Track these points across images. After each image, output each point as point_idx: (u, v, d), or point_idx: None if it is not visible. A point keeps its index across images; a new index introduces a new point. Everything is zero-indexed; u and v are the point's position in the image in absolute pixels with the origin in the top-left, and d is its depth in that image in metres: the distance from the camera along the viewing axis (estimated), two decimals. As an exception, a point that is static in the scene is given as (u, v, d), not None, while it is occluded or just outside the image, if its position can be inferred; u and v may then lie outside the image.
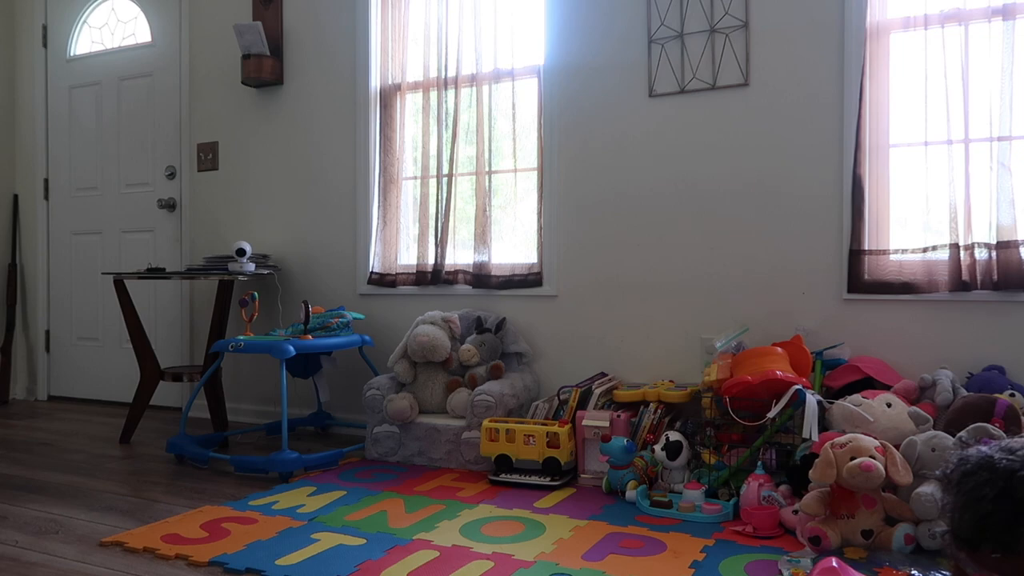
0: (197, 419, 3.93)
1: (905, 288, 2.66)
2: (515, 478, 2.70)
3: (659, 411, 2.71)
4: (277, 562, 1.95)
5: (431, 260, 3.48)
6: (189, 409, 3.14)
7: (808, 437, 2.23)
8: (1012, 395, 2.31)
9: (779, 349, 2.56)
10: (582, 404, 2.81)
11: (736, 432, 2.46)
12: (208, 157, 4.09)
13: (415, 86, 3.58)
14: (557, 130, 3.23)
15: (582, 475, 2.72)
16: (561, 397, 2.86)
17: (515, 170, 3.35)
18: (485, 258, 3.36)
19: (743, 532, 2.14)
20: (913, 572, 1.83)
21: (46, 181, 4.64)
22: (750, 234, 2.91)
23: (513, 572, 1.88)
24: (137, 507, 2.48)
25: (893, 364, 2.63)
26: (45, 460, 3.13)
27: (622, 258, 3.12)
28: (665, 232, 3.06)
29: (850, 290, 2.74)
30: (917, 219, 2.71)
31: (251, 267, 3.50)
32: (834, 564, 1.60)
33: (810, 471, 2.04)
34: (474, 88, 3.39)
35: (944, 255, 2.61)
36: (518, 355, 3.25)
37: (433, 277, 3.45)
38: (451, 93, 3.43)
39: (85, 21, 4.54)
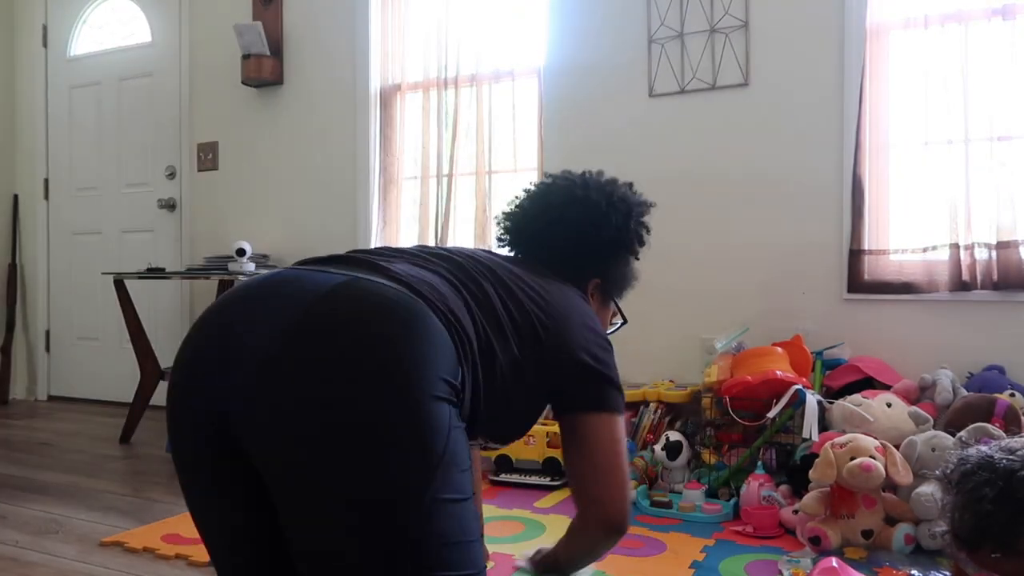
0: (197, 419, 3.93)
1: (905, 288, 2.66)
2: (515, 478, 2.69)
3: (659, 411, 2.71)
4: (277, 562, 1.95)
5: (431, 260, 3.47)
6: (189, 409, 3.14)
7: (808, 437, 2.23)
8: (1012, 395, 2.31)
9: (779, 349, 2.56)
10: (582, 404, 2.81)
11: (736, 432, 2.46)
12: (208, 157, 4.09)
13: (415, 86, 3.58)
14: (557, 130, 3.23)
15: (582, 475, 2.71)
16: (561, 397, 2.86)
17: (515, 170, 3.35)
18: (485, 258, 3.35)
19: (743, 532, 2.14)
20: (913, 572, 1.83)
21: (46, 181, 4.63)
22: (750, 234, 2.91)
23: (513, 572, 1.88)
24: (137, 507, 2.48)
25: (893, 364, 2.62)
26: (45, 460, 3.13)
27: (622, 258, 3.12)
28: (664, 232, 3.03)
29: (850, 290, 2.74)
30: (917, 219, 2.71)
31: (251, 267, 3.50)
32: (834, 564, 1.60)
33: (810, 471, 2.04)
34: (474, 88, 3.39)
35: (944, 255, 2.60)
36: (518, 355, 3.25)
37: (433, 277, 3.45)
38: (451, 93, 3.43)
39: (85, 21, 4.54)
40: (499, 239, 1.56)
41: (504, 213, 1.56)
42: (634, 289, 1.71)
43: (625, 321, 1.68)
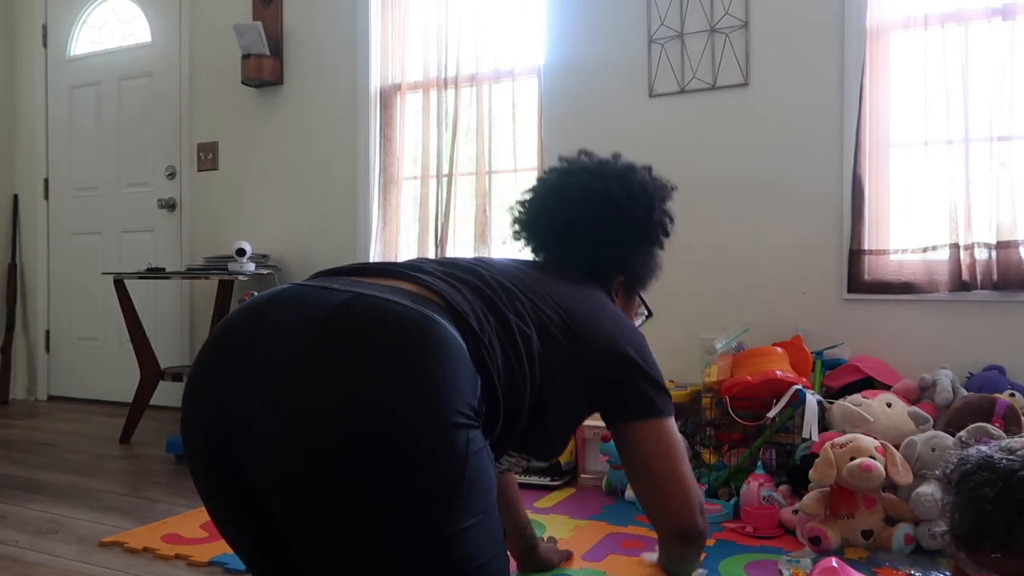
0: (197, 419, 3.93)
1: (905, 288, 2.66)
2: (516, 478, 2.69)
3: (659, 411, 2.71)
4: (277, 562, 1.95)
5: (431, 260, 3.47)
6: (189, 409, 3.13)
7: (808, 437, 2.23)
8: (1012, 395, 2.31)
9: (779, 349, 2.56)
10: (582, 404, 2.81)
11: (736, 432, 2.46)
12: (208, 157, 4.09)
13: (415, 86, 3.58)
14: (557, 130, 3.23)
15: (582, 475, 2.72)
16: (561, 397, 2.86)
17: (515, 170, 3.35)
18: (485, 258, 3.36)
19: (743, 532, 2.14)
20: (913, 572, 1.83)
21: (46, 181, 4.63)
22: (750, 234, 2.91)
23: (513, 572, 1.88)
24: (137, 507, 2.48)
25: (893, 364, 2.62)
26: (45, 460, 3.13)
27: (622, 258, 3.12)
28: (665, 232, 3.05)
29: (850, 290, 2.74)
30: (917, 219, 2.71)
31: (251, 267, 3.50)
32: (834, 564, 1.60)
33: (810, 471, 2.04)
34: (474, 88, 3.39)
35: (944, 255, 2.60)
36: (518, 355, 3.24)
37: (433, 277, 3.45)
38: (451, 93, 3.43)
39: (85, 21, 4.54)
40: (515, 234, 1.48)
41: (518, 202, 1.47)
42: (658, 280, 1.56)
43: (651, 314, 1.61)
